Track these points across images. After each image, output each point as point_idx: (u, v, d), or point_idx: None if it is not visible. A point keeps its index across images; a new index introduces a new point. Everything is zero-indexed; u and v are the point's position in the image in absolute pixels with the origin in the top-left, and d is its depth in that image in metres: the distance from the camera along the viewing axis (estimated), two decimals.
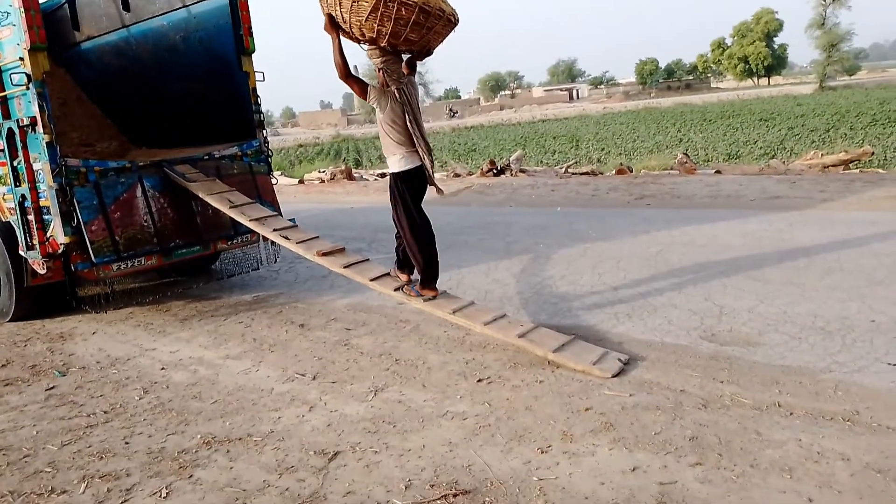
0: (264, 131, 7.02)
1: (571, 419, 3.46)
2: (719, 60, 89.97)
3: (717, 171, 12.86)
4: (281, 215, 6.85)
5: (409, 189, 4.71)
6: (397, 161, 4.70)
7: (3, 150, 5.76)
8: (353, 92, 4.72)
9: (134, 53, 7.91)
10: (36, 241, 5.70)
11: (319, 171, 19.06)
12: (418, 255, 4.77)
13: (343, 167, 18.83)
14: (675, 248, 6.90)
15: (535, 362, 4.26)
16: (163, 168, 6.18)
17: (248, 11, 6.67)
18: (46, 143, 5.43)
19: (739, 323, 4.68)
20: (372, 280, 5.00)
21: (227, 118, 7.10)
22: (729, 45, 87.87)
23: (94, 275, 5.77)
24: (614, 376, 3.95)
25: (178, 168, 6.24)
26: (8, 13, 5.46)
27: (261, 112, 6.98)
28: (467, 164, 26.16)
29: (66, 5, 8.36)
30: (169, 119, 7.74)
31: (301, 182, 18.17)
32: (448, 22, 4.48)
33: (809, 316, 4.66)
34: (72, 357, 5.20)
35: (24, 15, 5.24)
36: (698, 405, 3.51)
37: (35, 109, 5.40)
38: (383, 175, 19.99)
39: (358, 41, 4.59)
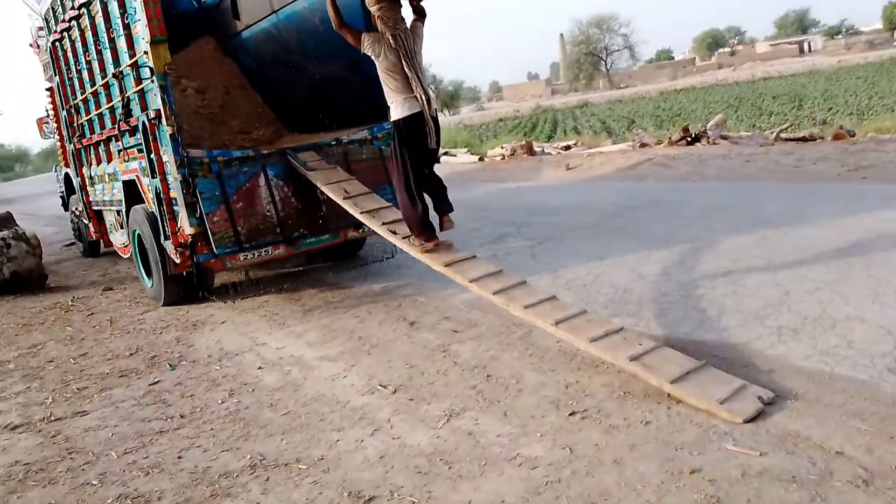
0: None
1: (667, 485, 2.63)
2: None
3: None
4: None
5: (407, 137, 4.66)
6: (396, 108, 4.68)
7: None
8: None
9: (282, 39, 7.92)
10: (170, 232, 5.84)
11: (501, 148, 18.59)
12: (405, 208, 4.82)
13: (524, 142, 18.17)
14: (883, 238, 5.43)
15: (651, 392, 3.41)
16: (286, 156, 6.04)
17: None
18: (170, 135, 5.48)
19: None
20: (471, 281, 4.40)
21: (363, 101, 6.82)
22: None
23: (219, 265, 5.80)
24: (747, 421, 3.00)
25: (302, 156, 6.06)
26: (135, 9, 5.57)
27: None
28: (668, 130, 24.21)
29: None
30: (314, 103, 7.68)
31: (481, 159, 17.84)
32: None
33: None
34: (190, 349, 5.24)
35: (143, 8, 5.28)
36: (857, 480, 2.50)
37: (158, 102, 5.47)
38: (567, 147, 19.07)
39: None
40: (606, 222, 7.59)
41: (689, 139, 14.14)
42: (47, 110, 10.45)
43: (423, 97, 4.57)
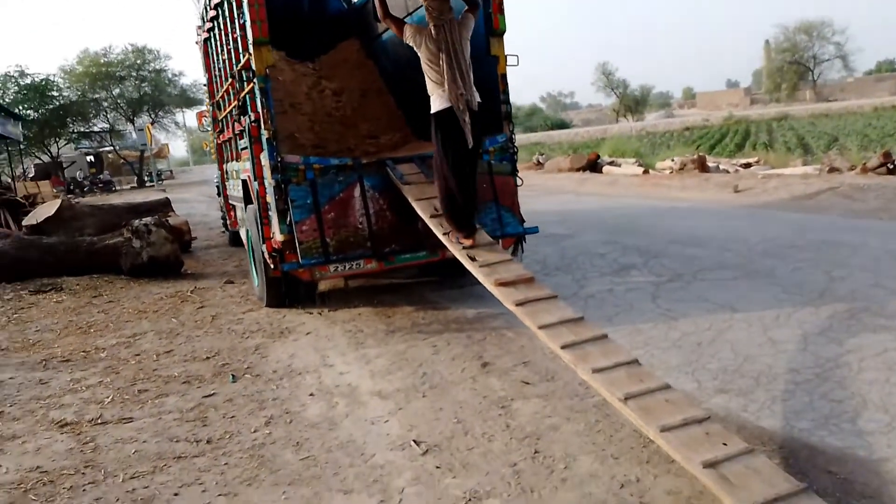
0: (511, 125, 6.08)
1: None
2: None
3: None
4: (520, 222, 5.95)
5: (444, 131, 4.69)
6: (434, 101, 4.72)
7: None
8: None
9: None
10: (264, 236, 5.74)
11: (671, 161, 17.23)
12: (442, 203, 4.89)
13: (696, 156, 16.68)
14: None
15: None
16: (386, 167, 5.72)
17: None
18: (266, 139, 5.36)
19: None
20: (540, 327, 3.77)
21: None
22: None
23: (307, 275, 5.62)
24: None
25: (401, 167, 5.71)
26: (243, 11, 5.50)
27: (508, 102, 6.06)
28: (874, 152, 21.24)
29: None
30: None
31: (646, 172, 16.63)
32: None
33: None
34: (262, 360, 5.07)
35: (249, 10, 5.19)
36: None
37: (258, 105, 5.36)
38: (747, 165, 17.36)
39: None
40: (754, 263, 6.51)
41: (891, 167, 12.14)
42: (206, 105, 11.07)
43: (458, 92, 4.50)
